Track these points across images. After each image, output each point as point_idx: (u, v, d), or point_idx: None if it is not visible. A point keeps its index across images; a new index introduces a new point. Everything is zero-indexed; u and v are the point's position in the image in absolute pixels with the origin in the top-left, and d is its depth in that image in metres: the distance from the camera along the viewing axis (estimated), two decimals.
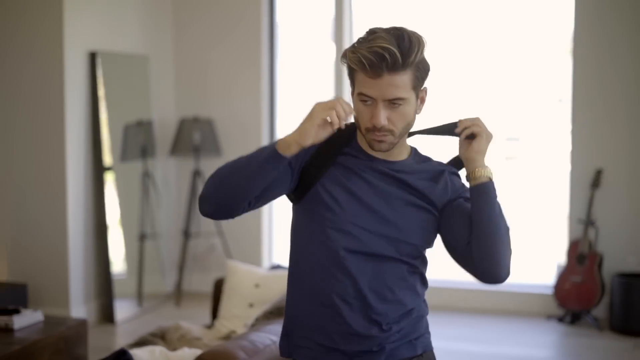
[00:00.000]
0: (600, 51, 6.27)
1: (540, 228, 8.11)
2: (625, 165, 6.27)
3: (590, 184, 6.25)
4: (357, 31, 6.98)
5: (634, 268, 6.24)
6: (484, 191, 2.19)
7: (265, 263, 7.14)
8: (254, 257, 7.03)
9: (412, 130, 2.29)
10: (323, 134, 2.12)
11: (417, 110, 2.25)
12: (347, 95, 6.96)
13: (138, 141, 6.67)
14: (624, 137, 6.26)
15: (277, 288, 4.10)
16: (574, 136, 6.39)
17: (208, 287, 7.10)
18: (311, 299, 2.27)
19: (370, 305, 2.22)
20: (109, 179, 6.32)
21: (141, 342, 3.79)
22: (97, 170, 6.23)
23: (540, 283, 6.73)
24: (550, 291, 6.46)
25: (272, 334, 3.04)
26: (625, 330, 5.95)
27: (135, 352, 3.09)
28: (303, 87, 7.62)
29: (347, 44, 6.89)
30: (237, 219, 6.48)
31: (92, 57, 6.16)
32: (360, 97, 2.18)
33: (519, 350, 5.70)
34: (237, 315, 4.11)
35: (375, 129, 2.18)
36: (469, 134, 2.22)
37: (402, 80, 2.13)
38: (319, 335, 2.26)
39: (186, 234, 6.95)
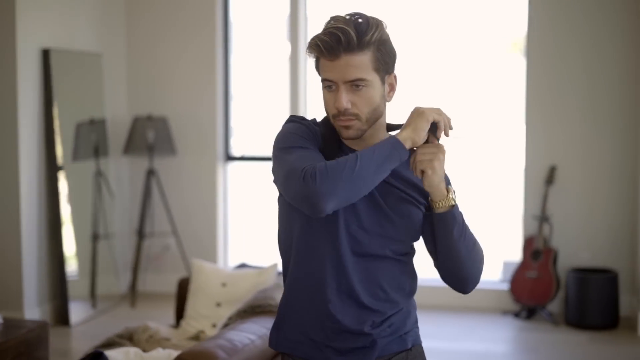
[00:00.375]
0: (553, 49, 6.36)
1: (495, 225, 8.20)
2: (579, 162, 6.38)
3: (544, 181, 6.34)
4: (312, 29, 6.97)
5: (588, 263, 6.34)
6: (443, 221, 2.20)
7: (221, 262, 7.09)
8: (209, 257, 6.97)
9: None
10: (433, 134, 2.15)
11: (387, 97, 2.24)
12: (305, 94, 6.96)
13: (90, 140, 6.56)
14: (577, 134, 6.36)
15: (245, 287, 4.07)
16: (528, 133, 6.48)
17: (163, 288, 7.05)
18: (304, 294, 2.25)
19: (363, 303, 2.22)
20: (61, 178, 6.20)
21: (108, 344, 3.72)
22: (51, 169, 6.11)
23: (494, 279, 6.81)
24: (506, 287, 6.53)
25: (249, 333, 3.01)
26: (580, 324, 6.05)
27: (109, 353, 3.03)
28: (258, 85, 7.58)
29: (302, 42, 6.87)
30: (193, 218, 6.42)
31: (45, 54, 6.04)
32: (324, 83, 2.19)
33: (476, 345, 5.75)
34: (204, 315, 4.06)
35: (340, 113, 2.17)
36: (420, 172, 2.17)
37: (361, 60, 2.13)
38: (312, 330, 2.24)
39: (140, 234, 6.86)
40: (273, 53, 7.45)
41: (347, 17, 2.16)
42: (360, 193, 2.09)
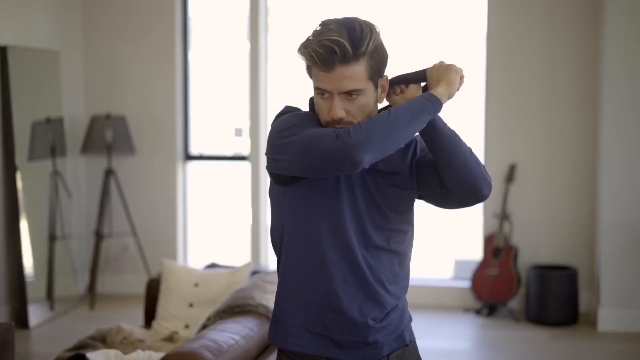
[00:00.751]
0: (513, 48, 6.43)
1: (454, 223, 8.26)
2: (538, 160, 6.45)
3: (504, 179, 6.40)
4: (272, 26, 6.94)
5: (547, 260, 6.43)
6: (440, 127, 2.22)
7: (180, 263, 7.02)
8: (169, 257, 6.90)
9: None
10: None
11: (379, 99, 2.25)
12: (266, 92, 6.92)
13: (47, 139, 6.44)
14: (537, 133, 6.44)
15: (218, 287, 4.03)
16: (487, 132, 6.54)
17: (122, 289, 6.97)
18: (304, 287, 2.24)
19: (367, 294, 2.22)
20: (18, 178, 6.07)
21: (80, 347, 3.65)
22: (8, 169, 5.99)
23: (446, 277, 6.88)
24: (467, 284, 6.58)
25: (232, 334, 2.98)
26: (541, 320, 6.12)
27: (90, 355, 2.97)
28: (217, 84, 7.52)
29: (262, 39, 6.83)
30: (152, 218, 6.34)
31: (2, 51, 5.91)
32: (317, 91, 2.18)
33: (438, 343, 5.78)
34: (176, 316, 4.01)
35: (334, 121, 2.16)
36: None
37: (356, 71, 2.12)
38: (313, 323, 2.23)
39: (98, 235, 6.75)
40: (233, 51, 7.39)
41: (340, 25, 2.13)
42: (396, 144, 2.10)
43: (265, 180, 6.96)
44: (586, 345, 5.74)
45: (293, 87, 7.33)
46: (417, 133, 2.19)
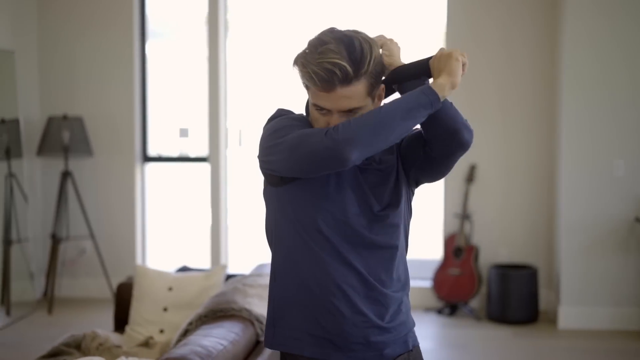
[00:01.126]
0: (471, 48, 6.46)
1: (414, 224, 8.29)
2: (498, 160, 6.53)
3: (464, 179, 6.46)
4: (232, 27, 6.89)
5: (507, 259, 6.50)
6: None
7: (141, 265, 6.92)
8: (127, 261, 6.83)
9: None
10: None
11: (375, 107, 2.23)
12: (225, 93, 6.84)
13: (2, 141, 6.30)
14: (496, 133, 6.51)
15: (192, 291, 3.98)
16: None
17: (80, 293, 6.87)
18: (302, 288, 2.21)
19: (364, 293, 2.20)
20: None
21: (55, 354, 3.57)
22: None
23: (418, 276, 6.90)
24: (428, 284, 6.63)
25: (219, 339, 2.95)
26: (503, 319, 6.19)
27: None
28: (175, 84, 7.44)
29: (221, 40, 6.78)
30: (110, 221, 6.26)
31: None
32: (315, 107, 2.16)
33: None
34: (150, 321, 3.95)
35: None
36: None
37: (356, 90, 2.11)
38: (312, 325, 2.21)
39: (55, 238, 6.63)
40: (191, 51, 7.32)
41: (339, 44, 2.09)
42: (387, 139, 2.07)
43: (226, 181, 6.91)
44: (547, 343, 5.82)
45: (254, 86, 7.29)
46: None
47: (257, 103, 7.36)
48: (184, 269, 4.43)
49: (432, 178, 2.34)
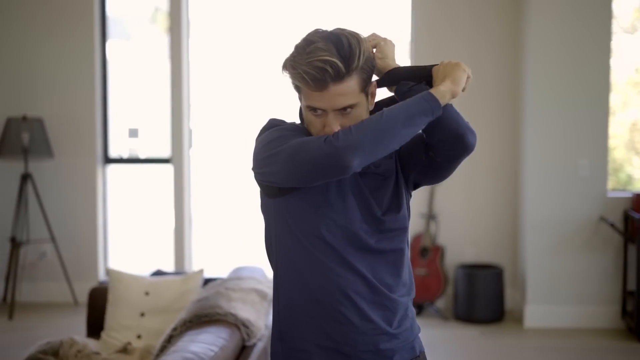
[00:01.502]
0: (435, 49, 6.49)
1: None
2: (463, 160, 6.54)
3: None
4: (194, 25, 6.82)
5: (472, 259, 6.54)
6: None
7: (101, 269, 6.82)
8: (89, 264, 6.72)
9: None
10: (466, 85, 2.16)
11: (370, 106, 2.21)
12: (188, 93, 6.76)
13: None
14: None
15: (170, 295, 3.91)
16: None
17: (41, 297, 6.75)
18: (310, 299, 2.17)
19: (372, 299, 2.17)
20: None
21: None
22: None
23: None
24: None
25: (209, 344, 2.89)
26: (469, 319, 6.22)
27: None
28: (137, 83, 7.34)
29: (184, 38, 6.70)
30: (71, 224, 6.15)
31: None
32: (309, 109, 2.13)
33: None
34: (127, 326, 3.87)
35: None
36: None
37: (349, 86, 2.08)
38: (320, 336, 2.17)
39: (14, 242, 6.49)
40: (153, 51, 7.23)
41: (327, 41, 2.06)
42: (389, 146, 2.04)
43: (190, 183, 6.84)
44: (514, 342, 5.86)
45: (217, 87, 7.22)
46: None
47: (215, 103, 7.29)
48: (158, 273, 4.36)
49: (434, 181, 2.33)
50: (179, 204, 6.74)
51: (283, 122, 2.25)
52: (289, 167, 2.06)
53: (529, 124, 6.08)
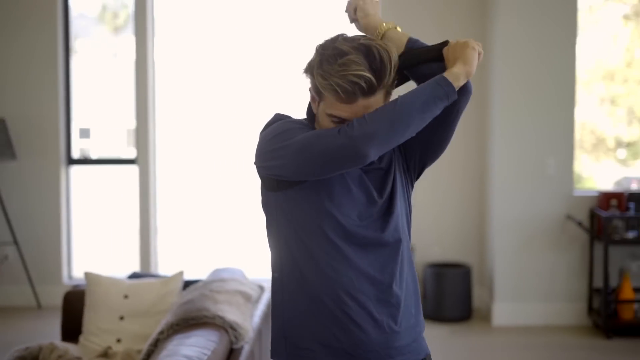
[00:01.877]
0: None
1: None
2: None
3: None
4: (159, 25, 6.75)
5: (441, 258, 6.57)
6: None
7: (64, 273, 6.71)
8: (52, 268, 6.61)
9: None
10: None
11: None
12: (154, 92, 6.65)
13: None
14: None
15: (149, 298, 3.86)
16: None
17: (3, 301, 6.62)
18: (315, 301, 2.15)
19: (376, 298, 2.16)
20: None
21: None
22: None
23: None
24: None
25: (201, 348, 2.86)
26: (438, 318, 6.25)
27: None
28: (101, 83, 7.24)
29: (149, 38, 6.62)
30: (34, 226, 6.03)
31: None
32: (330, 117, 2.11)
33: None
34: (106, 330, 3.81)
35: None
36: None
37: (376, 99, 2.08)
38: (324, 335, 2.15)
39: None
40: (118, 50, 7.14)
41: (360, 54, 2.04)
42: (404, 134, 2.05)
43: (155, 183, 6.76)
44: (483, 340, 5.91)
45: (185, 86, 7.15)
46: None
47: (182, 104, 7.22)
48: (135, 276, 4.30)
49: (439, 149, 2.32)
50: (145, 205, 6.66)
51: (289, 116, 2.24)
52: (297, 161, 2.05)
53: (496, 122, 6.13)
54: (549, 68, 6.08)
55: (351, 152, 1.99)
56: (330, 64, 2.05)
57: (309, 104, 2.24)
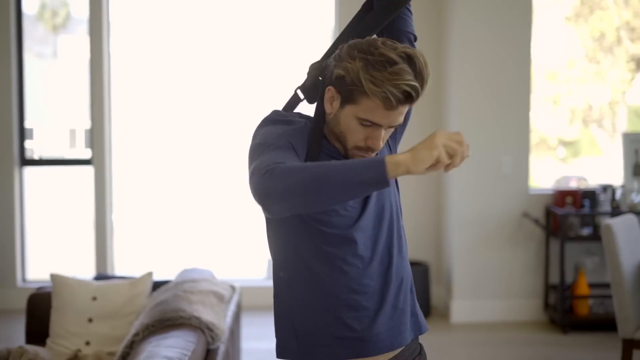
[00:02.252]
0: None
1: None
2: None
3: None
4: (114, 24, 6.68)
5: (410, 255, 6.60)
6: None
7: (19, 275, 6.59)
8: (7, 270, 6.50)
9: None
10: (432, 168, 1.91)
11: None
12: (109, 91, 6.56)
13: None
14: None
15: (119, 299, 3.81)
16: None
17: None
18: (322, 291, 2.15)
19: (384, 280, 2.18)
20: None
21: None
22: None
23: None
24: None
25: (182, 349, 2.83)
26: None
27: None
28: (53, 85, 7.14)
29: (105, 37, 6.54)
30: None
31: None
32: (362, 120, 2.08)
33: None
34: (75, 333, 3.75)
35: (368, 149, 2.11)
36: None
37: (408, 106, 2.11)
38: (337, 328, 2.15)
39: None
40: (72, 48, 7.04)
41: (406, 62, 2.03)
42: (317, 203, 1.94)
43: (112, 184, 6.68)
44: (441, 337, 5.97)
45: (141, 85, 7.09)
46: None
47: (138, 104, 7.16)
48: (101, 277, 4.25)
49: None
50: (100, 205, 6.58)
51: (285, 116, 2.20)
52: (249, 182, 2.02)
53: (453, 121, 6.19)
54: (505, 67, 6.17)
55: (260, 200, 1.93)
56: (378, 70, 2.02)
57: (318, 105, 2.19)
